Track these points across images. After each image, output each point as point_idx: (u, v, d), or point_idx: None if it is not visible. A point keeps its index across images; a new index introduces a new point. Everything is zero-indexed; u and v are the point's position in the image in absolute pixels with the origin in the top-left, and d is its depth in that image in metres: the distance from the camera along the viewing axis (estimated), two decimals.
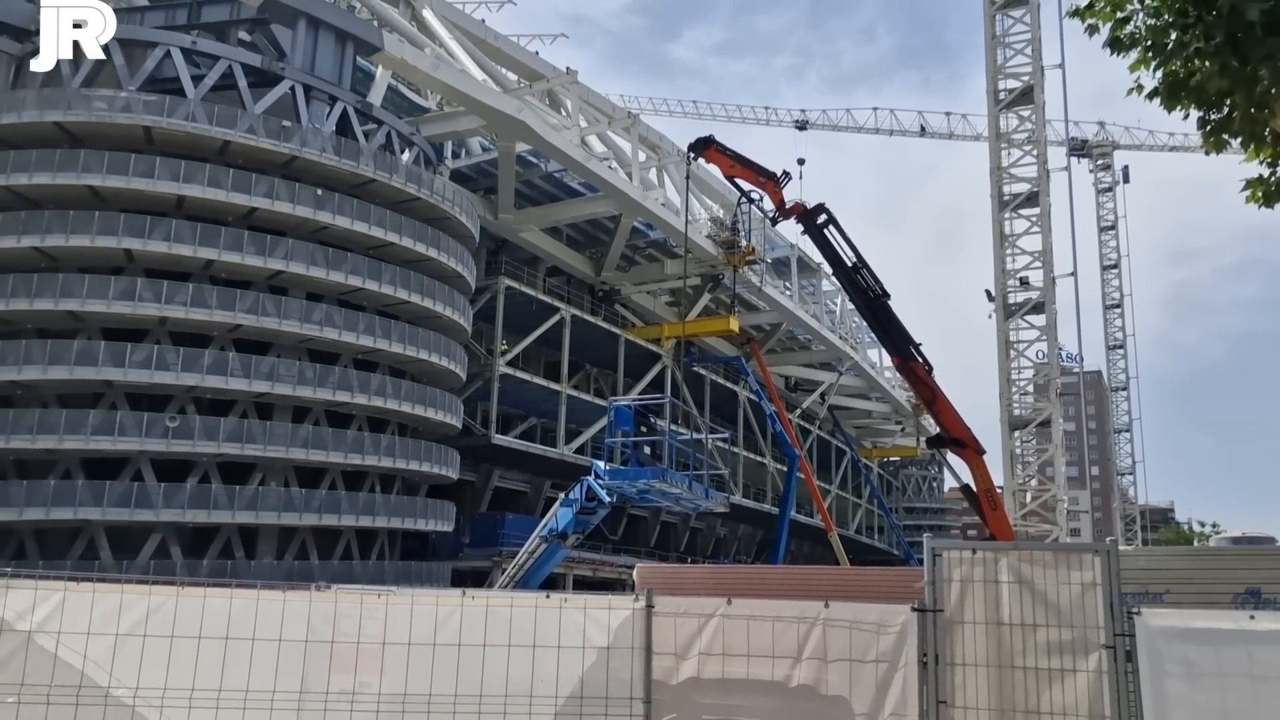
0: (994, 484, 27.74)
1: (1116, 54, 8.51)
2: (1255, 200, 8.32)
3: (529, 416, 53.84)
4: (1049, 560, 5.92)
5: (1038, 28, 41.34)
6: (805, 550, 74.34)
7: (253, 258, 35.77)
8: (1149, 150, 73.57)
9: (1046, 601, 5.83)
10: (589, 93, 54.85)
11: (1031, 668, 5.81)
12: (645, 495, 17.99)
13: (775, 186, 29.06)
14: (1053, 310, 39.42)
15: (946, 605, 6.03)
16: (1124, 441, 75.98)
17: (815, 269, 71.15)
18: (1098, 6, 8.40)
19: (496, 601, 6.66)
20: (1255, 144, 7.93)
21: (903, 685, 6.02)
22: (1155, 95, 8.31)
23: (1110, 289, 75.07)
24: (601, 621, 6.53)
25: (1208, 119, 8.33)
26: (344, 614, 6.36)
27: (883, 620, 6.13)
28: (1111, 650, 5.67)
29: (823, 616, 6.27)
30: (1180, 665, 5.47)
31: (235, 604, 6.21)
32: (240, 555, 36.34)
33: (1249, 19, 7.04)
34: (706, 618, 6.46)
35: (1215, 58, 7.49)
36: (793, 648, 6.29)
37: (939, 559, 6.10)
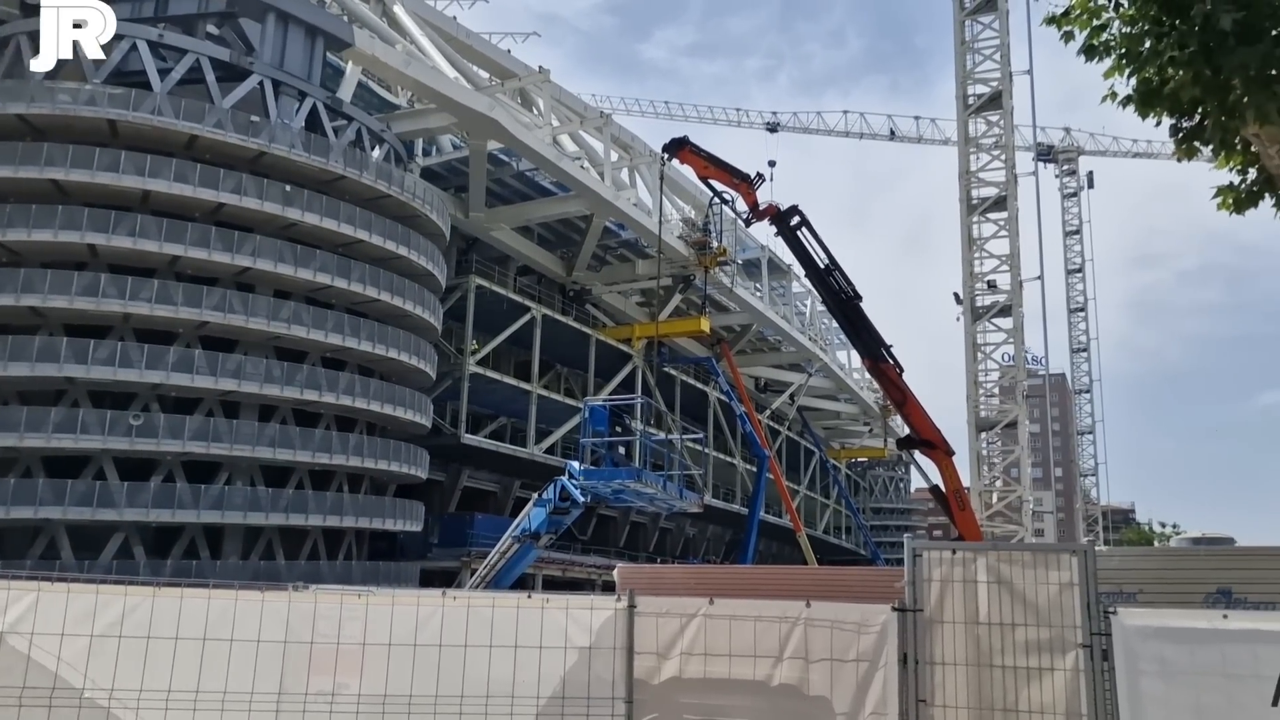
0: (962, 485, 28.01)
1: (1091, 61, 8.62)
2: (1226, 207, 8.46)
3: (499, 416, 53.65)
4: (1027, 560, 5.99)
5: (1006, 34, 41.80)
6: (774, 550, 74.67)
7: (220, 254, 35.36)
8: (1113, 156, 74.69)
9: (1025, 601, 5.90)
10: (561, 92, 54.75)
11: (1010, 666, 5.87)
12: (620, 495, 18.00)
13: (749, 188, 29.17)
14: (1019, 313, 39.86)
15: (926, 605, 6.08)
16: (1087, 443, 77.05)
17: (786, 271, 71.48)
18: (1073, 14, 8.51)
19: (478, 602, 6.63)
20: (1226, 152, 8.07)
21: (883, 684, 6.06)
22: (1129, 102, 8.44)
23: (1075, 293, 76.11)
24: (583, 622, 6.52)
25: (1180, 126, 8.46)
26: (323, 614, 6.30)
27: (863, 620, 6.18)
28: (1088, 649, 5.75)
29: (804, 616, 6.30)
30: (1155, 664, 5.56)
31: (213, 604, 6.13)
32: (205, 555, 35.91)
33: (1222, 28, 7.15)
34: (689, 617, 6.47)
35: (1188, 66, 7.60)
36: (774, 647, 6.32)
37: (919, 559, 6.16)
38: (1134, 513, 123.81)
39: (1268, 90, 7.44)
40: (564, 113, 54.99)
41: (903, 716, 5.98)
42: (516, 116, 48.57)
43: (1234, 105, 7.51)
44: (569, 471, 17.76)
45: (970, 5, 42.17)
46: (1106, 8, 8.36)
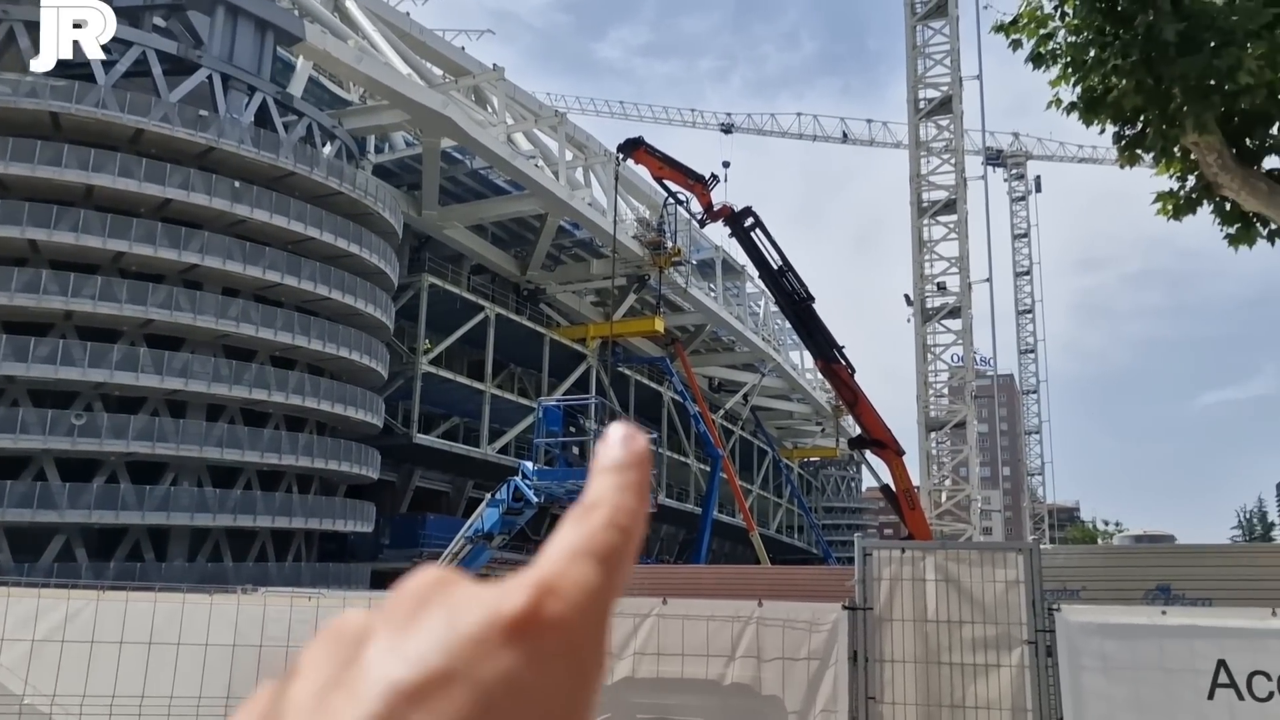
0: (912, 484, 28.38)
1: (1038, 69, 8.80)
2: (1165, 213, 8.68)
3: (451, 416, 53.28)
4: (974, 559, 6.10)
5: (956, 39, 42.43)
6: (727, 550, 74.98)
7: (166, 250, 34.74)
8: (1060, 161, 76.13)
9: (972, 599, 6.01)
10: (515, 90, 54.50)
11: (957, 663, 5.97)
12: (574, 495, 17.89)
13: (703, 189, 29.26)
14: (968, 315, 40.48)
15: (876, 603, 6.17)
16: (1034, 443, 78.46)
17: (740, 271, 71.80)
18: (1021, 23, 8.69)
19: None
20: (1166, 159, 8.27)
21: (833, 682, 6.13)
22: (1074, 109, 8.63)
23: (1023, 295, 77.44)
24: None
25: (1122, 134, 8.67)
26: (272, 617, 6.22)
27: (814, 618, 6.24)
28: (1033, 645, 5.87)
29: (756, 615, 6.35)
30: (1097, 659, 5.69)
31: (159, 608, 6.03)
32: (150, 557, 35.22)
33: (1165, 39, 7.33)
34: (642, 617, 6.49)
35: (1131, 75, 7.79)
36: (727, 646, 6.36)
37: (869, 558, 6.24)
38: (1079, 511, 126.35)
39: (1206, 100, 7.65)
40: (518, 111, 54.76)
41: (853, 713, 6.06)
42: (470, 114, 48.29)
43: (1174, 114, 7.70)
44: (522, 472, 17.71)
45: (921, 10, 42.77)
46: (1053, 17, 8.55)
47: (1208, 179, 8.18)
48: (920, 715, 6.05)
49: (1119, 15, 7.91)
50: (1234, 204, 8.26)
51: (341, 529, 41.43)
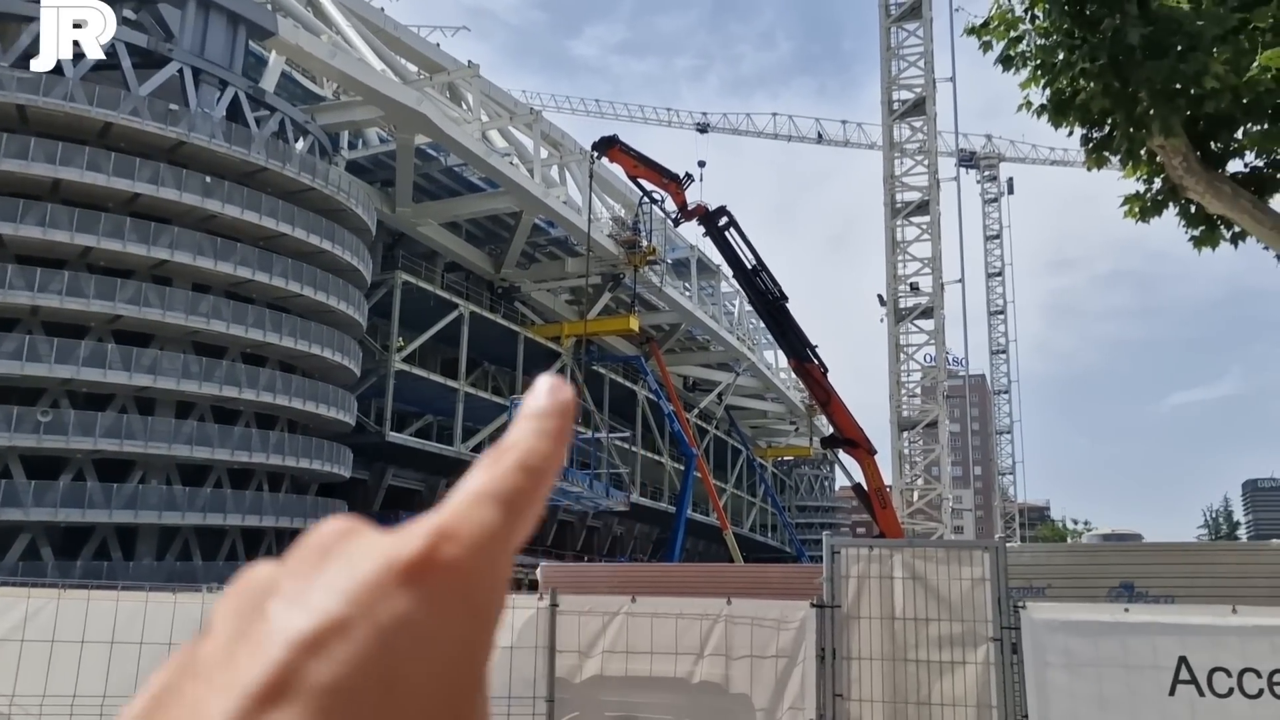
0: (884, 483, 28.54)
1: (1008, 71, 8.87)
2: (1132, 215, 8.77)
3: (424, 414, 53.05)
4: (941, 557, 6.14)
5: (930, 41, 42.72)
6: (701, 548, 75.11)
7: (135, 246, 34.36)
8: (1032, 163, 76.80)
9: (938, 596, 6.05)
10: (491, 87, 54.26)
11: (924, 660, 6.01)
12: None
13: (677, 188, 29.28)
14: (941, 315, 40.79)
15: (844, 601, 6.20)
16: (1005, 442, 79.16)
17: (715, 270, 71.90)
18: (992, 25, 8.74)
19: None
20: (1133, 162, 8.35)
21: (801, 679, 6.15)
22: (1043, 112, 8.71)
23: (994, 296, 78.10)
24: (505, 620, 6.46)
25: (1090, 137, 8.76)
26: None
27: (783, 616, 6.26)
28: (998, 642, 5.92)
29: (725, 613, 6.36)
30: (1061, 656, 5.74)
31: (121, 606, 5.95)
32: (117, 556, 34.82)
33: (1131, 42, 7.41)
34: (611, 615, 6.48)
35: (1098, 78, 7.86)
36: (695, 644, 6.36)
37: (837, 556, 6.27)
38: (1049, 510, 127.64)
39: (1172, 104, 7.74)
40: (493, 108, 54.55)
41: (820, 711, 6.09)
42: (445, 111, 48.08)
43: (1140, 117, 7.78)
44: None
45: (895, 12, 43.03)
46: (1023, 20, 8.62)
47: (1173, 181, 8.28)
48: (887, 712, 6.08)
49: (1087, 19, 7.98)
50: (1199, 206, 8.36)
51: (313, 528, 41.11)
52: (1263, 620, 5.54)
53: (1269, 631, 5.48)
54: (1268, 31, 7.68)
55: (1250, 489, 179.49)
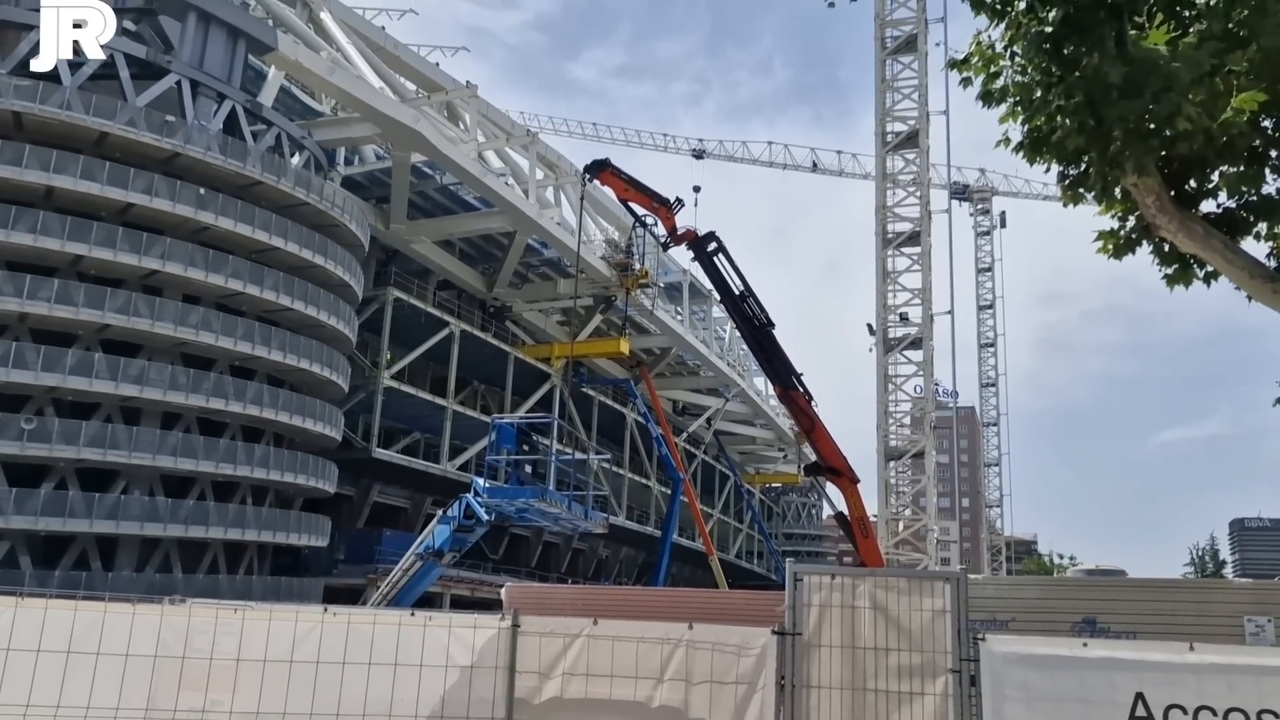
0: (867, 512, 28.53)
1: (987, 107, 8.96)
2: (1106, 251, 8.85)
3: (412, 431, 52.93)
4: (903, 587, 6.15)
5: (924, 74, 43.15)
6: (686, 573, 74.87)
7: (126, 255, 34.32)
8: (1025, 198, 77.32)
9: (899, 626, 6.05)
10: (488, 107, 54.57)
11: (883, 690, 6.01)
12: (524, 514, 17.89)
13: (668, 212, 29.43)
14: (930, 346, 40.95)
15: (805, 628, 6.20)
16: (993, 475, 79.17)
17: (706, 296, 72.08)
18: (972, 61, 8.84)
19: (359, 618, 6.54)
20: (1108, 200, 8.44)
21: (760, 707, 6.14)
22: (1020, 148, 8.79)
23: (985, 329, 78.34)
24: (466, 640, 6.47)
25: (1066, 174, 8.84)
26: (197, 629, 6.14)
27: (744, 642, 6.26)
28: (957, 674, 5.92)
29: (686, 638, 6.36)
30: (1019, 689, 5.75)
31: (80, 616, 5.93)
32: (97, 566, 34.57)
33: (1110, 80, 7.49)
34: (572, 638, 6.47)
35: (1074, 116, 7.95)
36: (656, 669, 6.35)
37: (799, 583, 6.27)
38: (1036, 544, 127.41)
39: (1145, 143, 7.82)
40: (490, 129, 54.84)
41: None
42: (442, 130, 48.28)
43: (1115, 156, 7.86)
44: (474, 489, 17.60)
45: (891, 45, 43.44)
46: (1003, 56, 8.72)
47: (1146, 220, 8.36)
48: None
49: (1064, 57, 8.08)
50: (1172, 245, 8.44)
51: (296, 543, 40.92)
52: (1219, 658, 5.56)
53: (1225, 670, 5.50)
54: (1242, 75, 7.79)
55: (1237, 528, 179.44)
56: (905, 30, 43.55)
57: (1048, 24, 8.07)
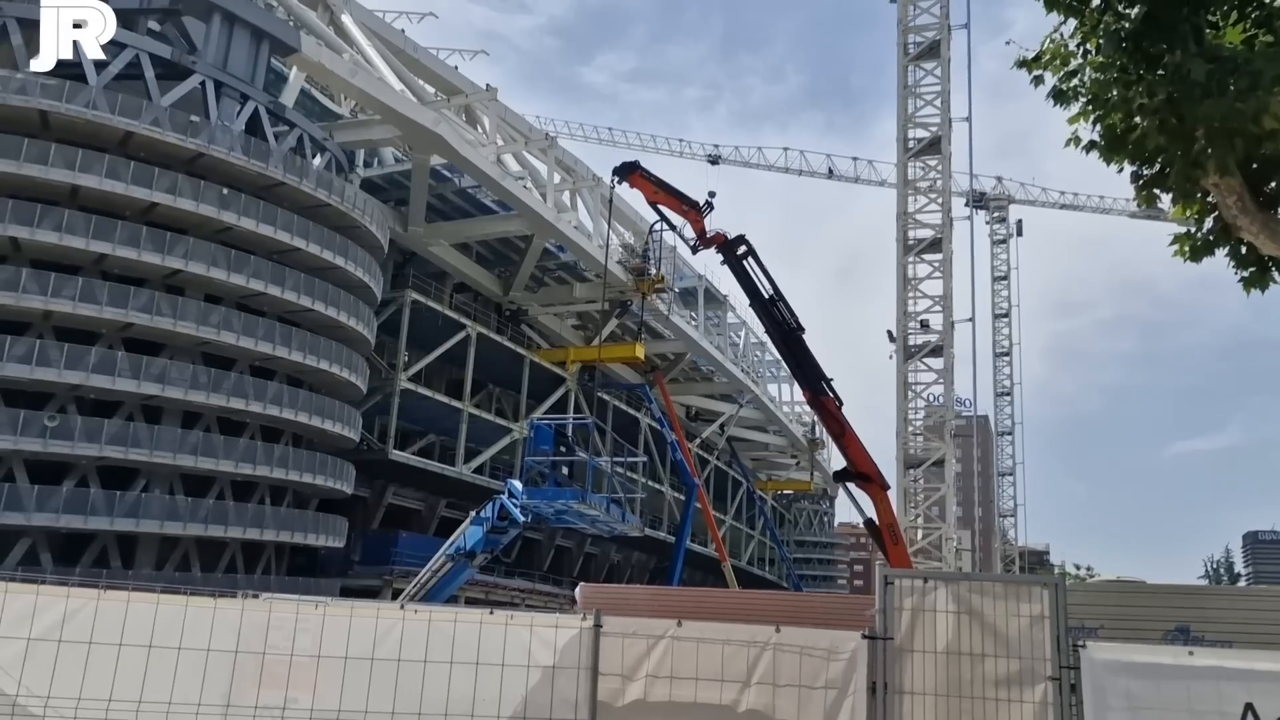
0: (896, 519, 28.33)
1: (1058, 105, 8.80)
2: (1182, 254, 8.68)
3: (428, 433, 52.87)
4: (998, 592, 6.01)
5: (947, 80, 42.88)
6: (697, 579, 74.59)
7: (150, 254, 34.34)
8: (1042, 206, 77.01)
9: (995, 632, 5.91)
10: (507, 111, 54.58)
11: (979, 697, 5.86)
12: (562, 516, 17.78)
13: (697, 215, 29.32)
14: (950, 354, 40.68)
15: (897, 633, 6.06)
16: (1007, 484, 78.75)
17: (722, 301, 71.97)
18: (1044, 59, 8.69)
19: (440, 617, 6.41)
20: (1186, 200, 8.28)
21: (851, 712, 6.00)
22: (1092, 148, 8.62)
23: (1000, 337, 77.95)
24: (548, 640, 6.35)
25: (1140, 174, 8.68)
26: (276, 625, 6.03)
27: (833, 647, 6.12)
28: (1057, 682, 5.77)
29: (773, 641, 6.22)
30: (1123, 698, 5.60)
31: (161, 610, 5.82)
32: (117, 564, 34.57)
33: (1195, 79, 7.34)
34: (655, 639, 6.34)
35: (1155, 115, 7.79)
36: (742, 672, 6.22)
37: (890, 587, 6.14)
38: (1048, 554, 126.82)
39: (1229, 142, 7.67)
40: (509, 132, 54.84)
41: None
42: (461, 133, 48.28)
43: (1198, 155, 7.72)
44: (509, 490, 17.47)
45: (914, 51, 43.24)
46: (1075, 54, 8.57)
47: (1226, 221, 8.20)
48: None
49: (1144, 54, 7.93)
50: (1250, 247, 8.28)
51: (313, 543, 40.85)
52: None
53: None
54: None
55: (1251, 540, 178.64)
56: (928, 36, 43.35)
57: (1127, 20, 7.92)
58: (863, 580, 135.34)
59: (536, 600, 52.16)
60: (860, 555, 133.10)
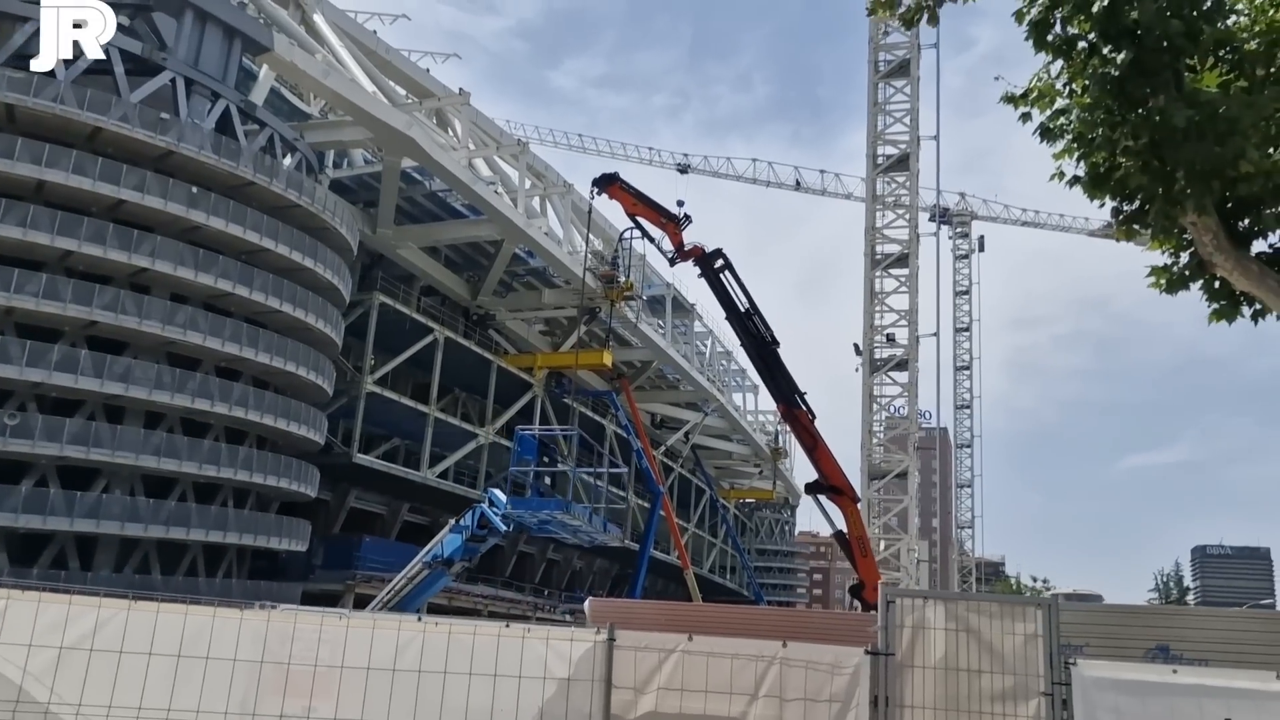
0: (866, 531, 28.79)
1: (1045, 142, 9.20)
2: (1158, 287, 9.10)
3: (392, 437, 52.64)
4: (995, 611, 6.31)
5: (916, 99, 43.71)
6: (659, 587, 74.83)
7: (116, 252, 33.95)
8: (1003, 222, 78.42)
9: (991, 650, 6.21)
10: (479, 116, 54.62)
11: (975, 711, 6.16)
12: (546, 526, 17.90)
13: (675, 228, 29.61)
14: (915, 368, 41.40)
15: (898, 649, 6.34)
16: (965, 496, 79.96)
17: (689, 310, 72.41)
18: (1032, 96, 9.08)
19: (460, 629, 6.58)
20: (1165, 237, 8.69)
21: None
22: (1076, 183, 9.03)
23: (960, 351, 79.23)
24: (563, 653, 6.54)
25: (1121, 209, 9.09)
26: (300, 635, 6.17)
27: (837, 661, 6.39)
28: (1049, 697, 6.09)
29: (780, 656, 6.47)
30: (1111, 714, 5.92)
31: (190, 620, 5.94)
32: (75, 566, 34.08)
33: (1175, 124, 7.74)
34: (667, 653, 6.57)
35: (1138, 156, 8.19)
36: (750, 685, 6.46)
37: (892, 605, 6.42)
38: (1004, 565, 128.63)
39: (1207, 184, 8.09)
40: (480, 136, 54.84)
41: None
42: (433, 136, 48.22)
43: (1178, 195, 8.12)
44: (490, 499, 17.57)
45: (884, 69, 44.00)
46: (1062, 93, 8.96)
47: (1202, 257, 8.62)
48: None
49: (1128, 97, 8.32)
50: (1224, 282, 8.71)
51: (276, 546, 40.50)
52: None
53: None
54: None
55: (1200, 555, 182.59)
56: (899, 55, 44.15)
57: (1114, 65, 8.30)
58: (822, 590, 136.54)
59: (499, 607, 52.10)
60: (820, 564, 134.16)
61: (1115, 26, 8.23)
